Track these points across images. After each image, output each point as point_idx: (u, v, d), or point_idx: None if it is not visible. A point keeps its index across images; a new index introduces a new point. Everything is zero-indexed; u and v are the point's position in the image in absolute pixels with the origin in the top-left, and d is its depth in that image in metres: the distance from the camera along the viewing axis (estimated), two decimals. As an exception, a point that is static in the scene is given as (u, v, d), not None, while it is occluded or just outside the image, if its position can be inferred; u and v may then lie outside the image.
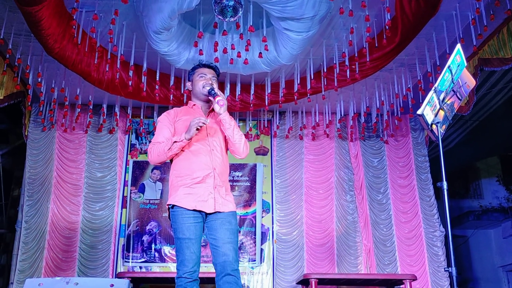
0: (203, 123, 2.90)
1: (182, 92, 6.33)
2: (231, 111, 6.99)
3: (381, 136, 7.60)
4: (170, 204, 2.96)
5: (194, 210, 2.91)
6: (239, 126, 7.45)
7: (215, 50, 5.36)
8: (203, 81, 3.14)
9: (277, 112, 7.49)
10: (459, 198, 11.32)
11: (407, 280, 5.98)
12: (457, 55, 3.03)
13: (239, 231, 7.11)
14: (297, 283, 6.54)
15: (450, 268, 2.80)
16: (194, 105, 3.22)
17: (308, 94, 6.30)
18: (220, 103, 2.97)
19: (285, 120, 7.56)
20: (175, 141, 2.93)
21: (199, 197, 2.93)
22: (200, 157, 2.97)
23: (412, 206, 7.36)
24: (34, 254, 6.69)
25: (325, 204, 7.34)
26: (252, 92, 6.44)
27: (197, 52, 5.52)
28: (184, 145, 2.96)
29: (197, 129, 2.91)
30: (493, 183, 11.48)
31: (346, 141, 7.67)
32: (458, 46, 3.05)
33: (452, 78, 3.03)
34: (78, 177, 7.13)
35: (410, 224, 7.27)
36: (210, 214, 2.96)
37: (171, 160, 3.08)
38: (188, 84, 3.30)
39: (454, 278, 2.78)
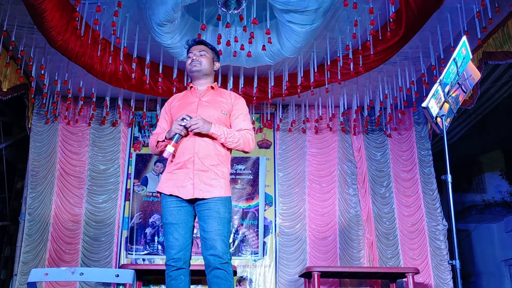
0: (183, 126, 2.75)
1: (185, 85, 6.32)
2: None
3: (384, 129, 7.59)
4: (156, 191, 2.94)
5: (172, 195, 2.80)
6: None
7: (218, 43, 5.34)
8: (189, 60, 3.03)
9: (280, 105, 7.48)
10: (462, 192, 11.32)
11: (410, 274, 6.00)
12: (463, 48, 3.02)
13: (242, 224, 7.12)
14: (300, 276, 6.56)
15: (454, 261, 2.80)
16: (192, 87, 3.08)
17: (312, 87, 6.28)
18: (169, 149, 2.76)
19: (288, 113, 7.55)
20: (158, 141, 2.90)
21: (177, 183, 2.80)
22: (183, 142, 2.83)
23: (415, 200, 7.36)
24: (38, 246, 6.71)
25: (328, 198, 7.34)
26: (255, 85, 6.42)
27: (200, 44, 5.49)
28: (167, 143, 2.82)
29: (181, 135, 2.78)
30: (496, 178, 11.48)
31: (349, 135, 7.66)
32: (464, 38, 3.04)
33: (457, 71, 3.01)
34: (81, 170, 7.15)
35: (413, 218, 7.27)
36: (198, 202, 2.78)
37: None
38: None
39: (458, 271, 2.78)
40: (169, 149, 2.73)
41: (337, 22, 5.60)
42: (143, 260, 6.88)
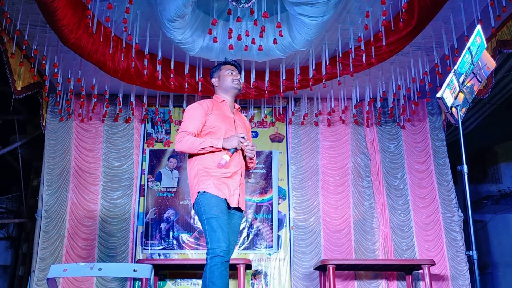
0: (241, 142, 3.13)
1: (196, 80, 6.33)
2: (246, 98, 6.99)
3: (397, 121, 7.54)
4: (201, 191, 3.10)
5: (225, 199, 3.11)
6: (254, 114, 7.49)
7: (229, 37, 5.33)
8: (231, 77, 3.37)
9: (292, 99, 7.46)
10: (477, 183, 11.22)
11: (426, 265, 5.98)
12: (477, 36, 2.98)
13: (256, 218, 7.14)
14: (315, 269, 6.57)
15: (470, 252, 2.79)
16: (223, 101, 3.39)
17: (324, 80, 6.25)
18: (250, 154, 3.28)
19: (300, 107, 7.53)
20: (211, 146, 3.13)
21: (228, 191, 3.14)
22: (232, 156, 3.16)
23: (430, 191, 7.31)
24: (55, 243, 6.80)
25: (341, 190, 7.32)
26: (267, 79, 6.41)
27: (211, 39, 5.50)
28: (214, 151, 3.16)
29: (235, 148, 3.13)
30: (512, 167, 11.34)
31: (362, 127, 7.62)
32: (478, 27, 3.00)
33: (472, 60, 2.98)
34: (95, 166, 7.21)
35: (428, 209, 7.23)
36: (233, 210, 3.20)
37: None
38: (214, 80, 3.47)
39: (475, 261, 2.77)
40: (226, 158, 3.07)
41: (348, 13, 5.56)
42: (159, 255, 6.93)
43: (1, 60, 5.95)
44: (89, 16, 5.16)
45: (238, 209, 3.24)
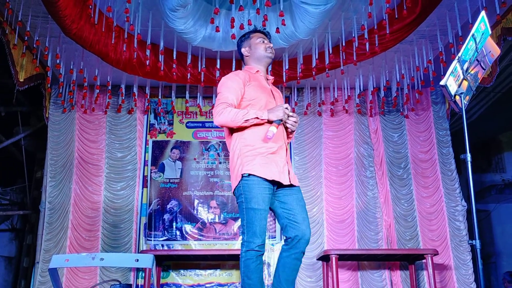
0: (286, 114, 2.89)
1: (199, 70, 6.30)
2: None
3: (401, 110, 7.50)
4: (245, 173, 2.83)
5: (272, 181, 2.84)
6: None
7: (232, 27, 5.30)
8: (264, 45, 3.16)
9: (295, 89, 7.42)
10: (481, 172, 11.18)
11: (429, 255, 5.97)
12: (481, 23, 2.94)
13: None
14: (318, 259, 6.57)
15: (473, 241, 2.77)
16: (257, 71, 3.17)
17: (327, 69, 6.21)
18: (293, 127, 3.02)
19: (303, 97, 7.49)
20: (257, 117, 2.86)
21: (278, 168, 2.87)
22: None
23: (434, 180, 7.28)
24: (58, 234, 6.82)
25: (344, 180, 7.31)
26: (269, 68, 6.37)
27: (213, 29, 5.47)
28: (259, 124, 2.90)
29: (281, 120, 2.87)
30: (516, 157, 11.29)
31: (366, 116, 7.58)
32: (483, 13, 2.96)
33: (476, 47, 2.94)
34: (99, 158, 7.21)
35: (431, 199, 7.21)
36: (282, 187, 2.92)
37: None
38: (244, 50, 3.22)
39: (478, 250, 2.75)
40: (274, 130, 2.78)
41: (352, 1, 5.51)
42: (162, 246, 6.95)
43: (3, 51, 5.94)
44: (90, 6, 5.14)
45: (291, 185, 2.94)
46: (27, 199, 8.90)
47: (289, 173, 2.92)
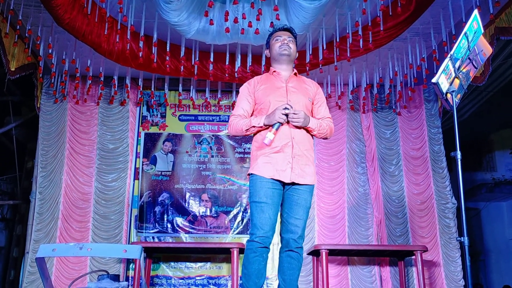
0: (285, 115, 2.91)
1: (192, 63, 6.28)
2: (242, 82, 6.94)
3: (394, 107, 7.52)
4: (250, 173, 3.01)
5: (272, 178, 2.94)
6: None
7: (226, 20, 5.28)
8: (279, 43, 3.17)
9: (289, 84, 7.41)
10: (472, 171, 11.26)
11: (418, 252, 6.00)
12: (474, 22, 2.95)
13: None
14: (308, 254, 6.59)
15: (462, 238, 2.79)
16: (275, 71, 3.21)
17: (320, 65, 6.21)
18: (270, 136, 2.91)
19: (296, 92, 7.48)
20: (253, 126, 2.99)
21: (276, 166, 2.95)
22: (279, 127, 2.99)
23: (425, 178, 7.32)
24: (49, 224, 6.79)
25: (336, 176, 7.33)
26: (263, 63, 6.35)
27: (207, 22, 5.45)
28: (261, 129, 3.01)
29: (280, 123, 2.92)
30: (507, 156, 11.39)
31: (358, 113, 7.60)
32: (476, 12, 2.97)
33: (468, 46, 2.95)
34: (90, 149, 7.18)
35: (422, 196, 7.25)
36: (288, 185, 3.00)
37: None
38: (267, 52, 3.31)
39: (466, 247, 2.77)
40: (270, 136, 2.88)
41: (346, -3, 5.51)
42: (153, 238, 6.95)
43: (-5, 40, 5.88)
44: (83, -4, 5.09)
45: (300, 183, 3.01)
46: (17, 189, 8.87)
47: (293, 171, 2.96)
